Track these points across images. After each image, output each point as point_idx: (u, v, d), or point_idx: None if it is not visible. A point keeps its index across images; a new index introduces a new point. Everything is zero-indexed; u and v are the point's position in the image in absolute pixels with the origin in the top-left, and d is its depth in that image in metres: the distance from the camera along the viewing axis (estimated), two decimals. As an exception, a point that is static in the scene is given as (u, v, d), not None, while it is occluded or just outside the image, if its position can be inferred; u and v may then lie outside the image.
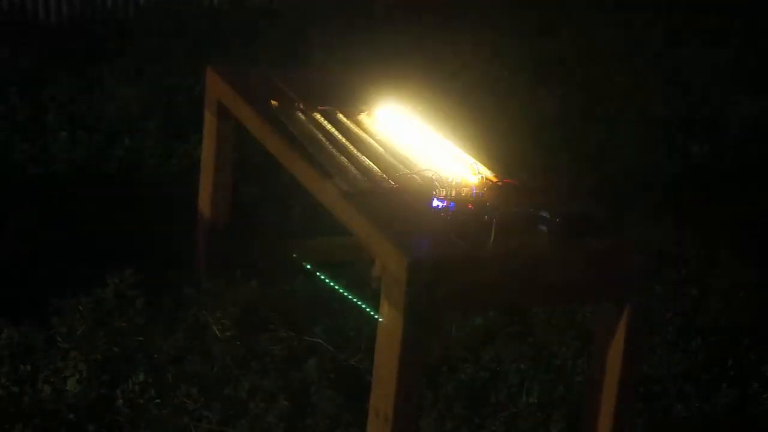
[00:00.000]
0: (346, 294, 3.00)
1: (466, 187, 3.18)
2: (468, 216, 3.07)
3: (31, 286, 4.35)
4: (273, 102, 3.93)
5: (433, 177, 3.26)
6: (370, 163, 3.46)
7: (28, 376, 3.77)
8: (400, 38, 7.59)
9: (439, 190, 3.14)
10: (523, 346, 4.15)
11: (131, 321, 4.06)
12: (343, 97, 3.98)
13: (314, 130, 3.73)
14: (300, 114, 3.86)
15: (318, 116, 3.85)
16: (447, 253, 2.90)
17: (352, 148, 3.59)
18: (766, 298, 4.72)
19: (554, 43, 8.03)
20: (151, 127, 5.92)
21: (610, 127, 6.56)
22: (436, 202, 3.12)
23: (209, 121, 4.45)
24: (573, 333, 4.22)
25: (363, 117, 3.90)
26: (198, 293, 4.30)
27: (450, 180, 3.24)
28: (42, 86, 6.33)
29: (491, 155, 3.57)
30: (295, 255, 2.97)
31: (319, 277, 3.01)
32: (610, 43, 8.17)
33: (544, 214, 3.04)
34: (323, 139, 3.64)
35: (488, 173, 3.36)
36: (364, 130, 3.78)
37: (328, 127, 3.76)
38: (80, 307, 4.07)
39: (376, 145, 3.65)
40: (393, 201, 3.20)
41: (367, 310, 2.92)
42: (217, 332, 4.07)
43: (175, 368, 3.88)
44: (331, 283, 3.13)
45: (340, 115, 3.87)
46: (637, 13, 8.95)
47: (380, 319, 2.85)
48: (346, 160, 3.47)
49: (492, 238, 2.96)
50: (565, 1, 9.00)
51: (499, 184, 3.26)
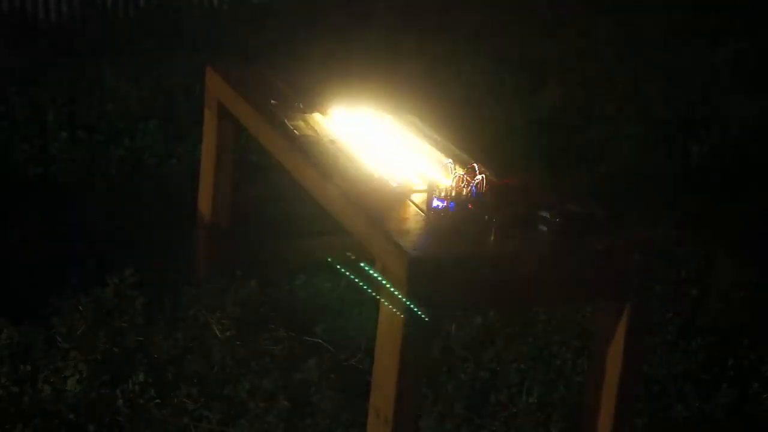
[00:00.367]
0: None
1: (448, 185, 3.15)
2: (468, 216, 3.07)
3: (31, 286, 4.35)
4: (273, 102, 3.93)
5: (433, 177, 3.25)
6: (370, 163, 3.46)
7: (28, 376, 3.76)
8: (399, 38, 7.59)
9: (440, 190, 3.14)
10: (523, 346, 4.15)
11: (131, 321, 4.06)
12: (343, 98, 3.97)
13: (314, 130, 3.73)
14: (300, 114, 3.86)
15: (318, 116, 3.85)
16: (447, 253, 2.90)
17: (351, 148, 3.59)
18: (766, 298, 4.72)
19: (554, 43, 8.03)
20: (151, 127, 5.92)
21: (610, 127, 6.56)
22: (436, 202, 3.12)
23: (209, 121, 4.45)
24: (573, 333, 4.21)
25: (363, 117, 3.90)
26: (198, 293, 4.30)
27: (450, 179, 3.24)
28: (42, 86, 6.33)
29: (491, 155, 3.57)
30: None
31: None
32: (610, 43, 8.17)
33: (544, 214, 3.03)
34: (323, 139, 3.64)
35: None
36: (363, 130, 3.78)
37: (328, 127, 3.76)
38: (80, 307, 4.07)
39: (375, 145, 3.65)
40: (393, 201, 3.20)
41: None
42: (217, 332, 4.07)
43: (175, 368, 3.87)
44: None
45: (340, 116, 3.87)
46: (637, 13, 8.95)
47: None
48: (345, 160, 3.47)
49: (492, 238, 2.96)
50: (565, 1, 9.01)
51: (499, 184, 3.26)
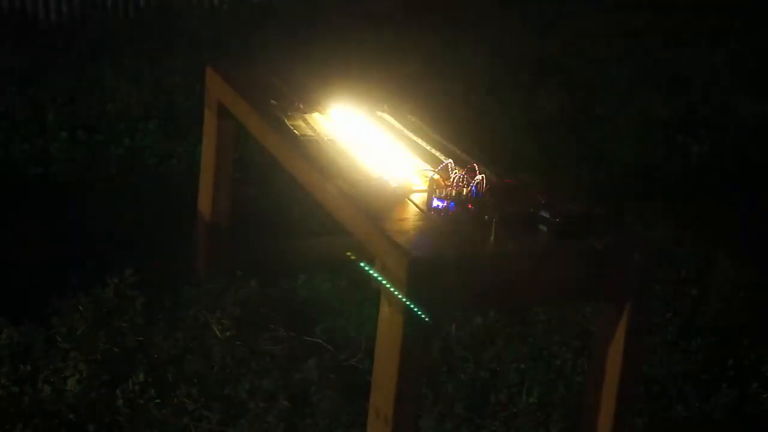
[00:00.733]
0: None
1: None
2: (468, 216, 3.07)
3: (31, 286, 4.35)
4: (273, 102, 3.93)
5: (434, 177, 3.25)
6: (370, 163, 3.46)
7: (28, 376, 3.77)
8: (400, 38, 7.59)
9: (439, 190, 3.14)
10: (523, 346, 4.15)
11: (131, 321, 4.06)
12: (342, 97, 3.97)
13: (314, 129, 3.72)
14: (300, 114, 3.86)
15: (317, 116, 3.85)
16: (447, 253, 2.90)
17: (351, 147, 3.58)
18: (766, 298, 4.72)
19: (554, 43, 8.03)
20: (151, 127, 5.92)
21: (610, 127, 6.56)
22: (436, 202, 3.12)
23: (209, 121, 4.45)
24: (573, 333, 4.21)
25: (362, 117, 3.90)
26: (198, 293, 4.30)
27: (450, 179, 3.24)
28: (42, 86, 6.33)
29: (491, 155, 3.57)
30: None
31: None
32: (610, 43, 8.17)
33: (544, 214, 3.03)
34: (323, 139, 3.64)
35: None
36: (363, 130, 3.78)
37: (328, 126, 3.76)
38: (80, 307, 4.07)
39: (375, 145, 3.64)
40: (393, 201, 3.20)
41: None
42: (217, 332, 4.07)
43: (175, 368, 3.87)
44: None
45: (339, 115, 3.87)
46: (637, 13, 8.96)
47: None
48: (345, 160, 3.47)
49: (492, 238, 2.96)
50: (565, 1, 9.01)
51: (499, 184, 3.26)
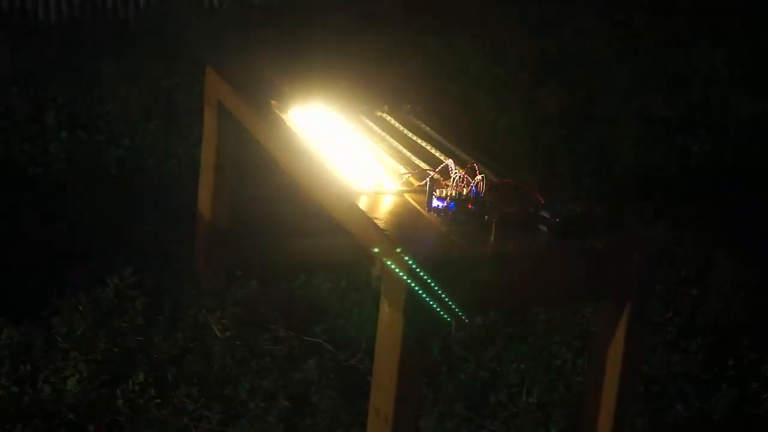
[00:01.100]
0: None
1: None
2: (468, 216, 3.07)
3: (31, 286, 4.35)
4: (273, 102, 3.93)
5: (434, 177, 3.25)
6: (370, 162, 3.46)
7: (28, 376, 3.77)
8: (399, 37, 7.59)
9: (440, 190, 3.14)
10: (523, 346, 4.15)
11: (131, 321, 4.06)
12: (342, 97, 3.97)
13: (314, 129, 3.72)
14: (300, 114, 3.86)
15: (317, 115, 3.84)
16: (447, 253, 2.90)
17: (351, 147, 3.58)
18: (766, 298, 4.72)
19: (554, 43, 8.03)
20: (151, 127, 5.92)
21: (610, 127, 6.56)
22: (436, 202, 3.12)
23: (209, 121, 4.45)
24: (573, 333, 4.21)
25: (362, 117, 3.90)
26: (198, 293, 4.30)
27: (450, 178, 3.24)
28: (42, 86, 6.33)
29: (491, 155, 3.57)
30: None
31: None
32: (610, 43, 8.17)
33: (544, 214, 3.03)
34: (323, 139, 3.64)
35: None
36: (363, 130, 3.78)
37: (328, 127, 3.76)
38: (80, 307, 4.07)
39: (376, 145, 3.64)
40: (393, 201, 3.20)
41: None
42: (217, 332, 4.07)
43: (175, 368, 3.87)
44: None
45: (338, 115, 3.87)
46: (637, 13, 8.96)
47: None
48: (345, 160, 3.47)
49: (492, 238, 2.96)
50: (565, 1, 9.01)
51: (499, 184, 3.26)
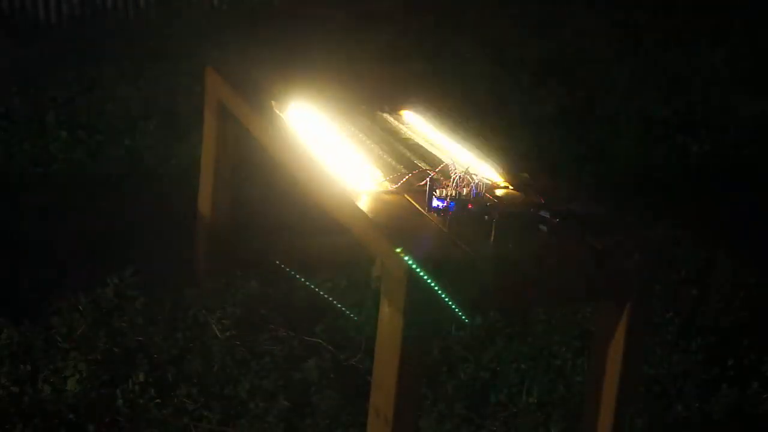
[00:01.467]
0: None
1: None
2: (468, 216, 3.07)
3: (31, 286, 4.35)
4: (273, 102, 3.93)
5: (434, 176, 3.25)
6: (370, 162, 3.46)
7: (28, 376, 3.77)
8: (400, 37, 7.59)
9: (440, 190, 3.14)
10: (523, 346, 4.15)
11: (131, 321, 4.06)
12: (342, 97, 3.97)
13: (314, 129, 3.72)
14: (300, 114, 3.86)
15: (317, 115, 3.85)
16: (447, 253, 2.90)
17: (351, 147, 3.58)
18: (766, 298, 4.72)
19: (554, 43, 8.04)
20: (151, 127, 5.92)
21: (610, 127, 6.56)
22: (436, 202, 3.12)
23: (209, 121, 4.45)
24: (573, 333, 4.21)
25: (362, 117, 3.90)
26: (198, 293, 4.30)
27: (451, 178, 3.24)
28: (42, 86, 6.33)
29: (492, 155, 3.57)
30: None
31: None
32: (610, 43, 8.17)
33: (544, 214, 3.03)
34: (323, 139, 3.64)
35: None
36: (363, 130, 3.78)
37: (328, 127, 3.76)
38: (80, 307, 4.07)
39: (376, 145, 3.64)
40: (393, 201, 3.20)
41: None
42: (217, 332, 4.07)
43: (175, 368, 3.87)
44: None
45: (338, 115, 3.87)
46: (637, 13, 8.96)
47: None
48: (344, 160, 3.47)
49: (492, 238, 2.96)
50: (565, 1, 9.02)
51: (500, 184, 3.26)
